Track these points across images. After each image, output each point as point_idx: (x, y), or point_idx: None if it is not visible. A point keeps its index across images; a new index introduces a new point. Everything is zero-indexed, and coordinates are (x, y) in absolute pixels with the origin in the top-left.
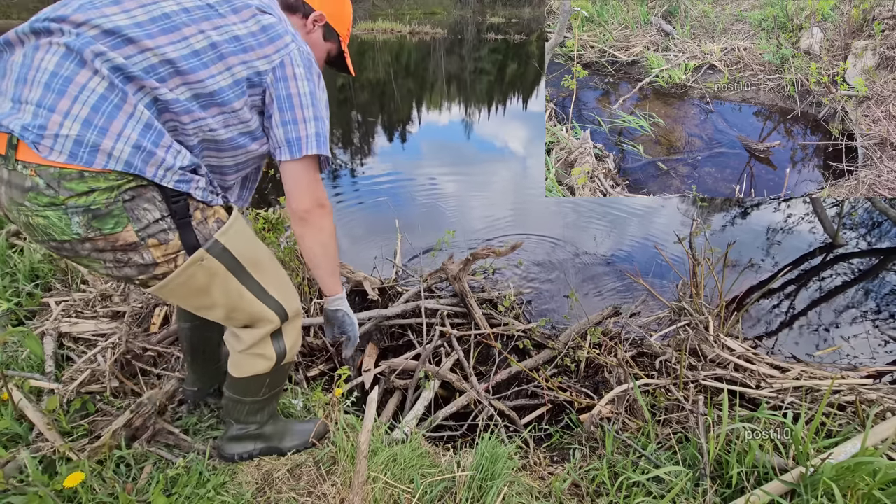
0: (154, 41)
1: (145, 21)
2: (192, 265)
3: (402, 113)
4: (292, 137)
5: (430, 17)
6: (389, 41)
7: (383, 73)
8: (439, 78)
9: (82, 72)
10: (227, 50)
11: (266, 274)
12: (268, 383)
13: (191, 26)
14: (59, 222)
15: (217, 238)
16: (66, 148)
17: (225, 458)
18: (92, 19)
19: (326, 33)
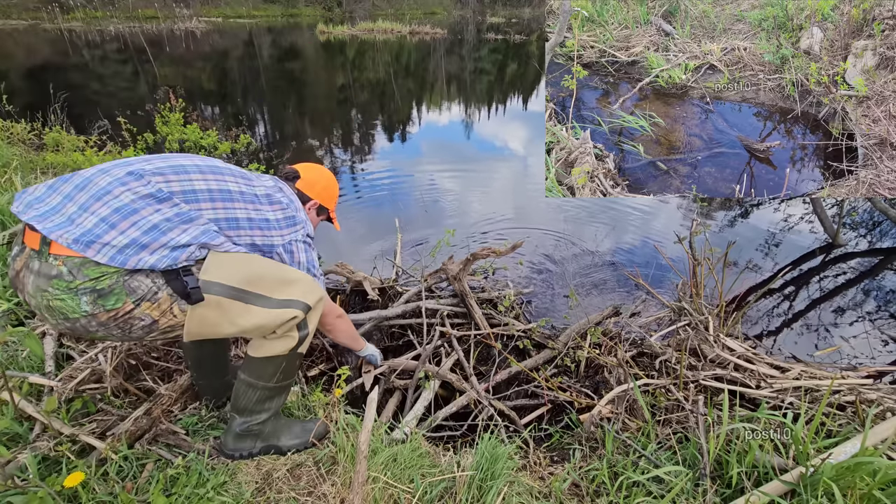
0: (213, 203)
1: (215, 189)
2: (195, 310)
3: (402, 113)
4: None
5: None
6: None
7: (383, 73)
8: (439, 78)
9: (149, 207)
10: (256, 224)
11: (271, 283)
12: (283, 368)
13: (240, 202)
14: (71, 303)
15: (201, 278)
16: (108, 253)
17: (226, 455)
18: (170, 180)
19: (319, 211)
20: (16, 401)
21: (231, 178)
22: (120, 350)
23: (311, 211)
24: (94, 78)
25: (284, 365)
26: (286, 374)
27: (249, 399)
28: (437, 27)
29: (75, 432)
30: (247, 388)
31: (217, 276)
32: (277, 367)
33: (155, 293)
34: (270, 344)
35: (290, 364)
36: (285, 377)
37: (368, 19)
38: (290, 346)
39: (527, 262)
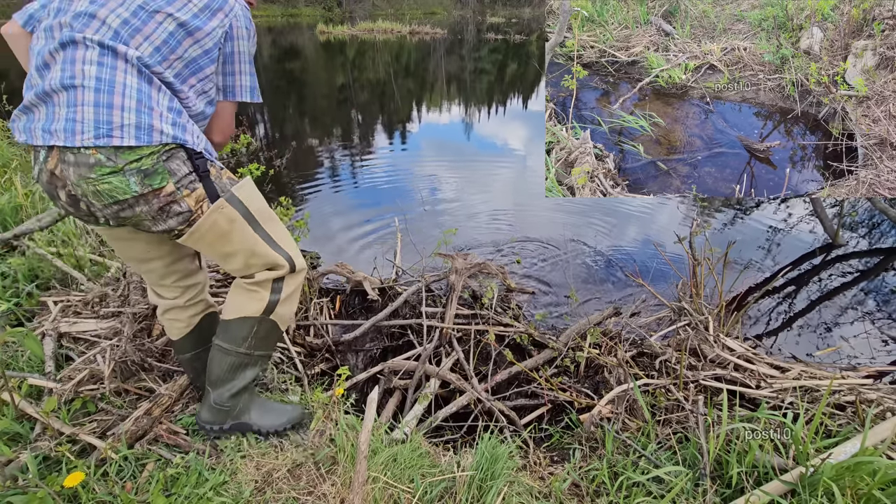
0: (143, 34)
1: (129, 17)
2: (215, 211)
3: (402, 113)
4: (232, 86)
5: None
6: (389, 41)
7: (383, 73)
8: (439, 78)
9: (118, 67)
10: (196, 24)
11: (276, 228)
12: (254, 332)
13: (160, 12)
14: (120, 185)
15: (233, 191)
16: (131, 133)
17: (201, 428)
18: (102, 14)
19: None
20: (16, 401)
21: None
22: (120, 350)
23: None
24: None
25: (256, 329)
26: (259, 343)
27: (222, 367)
28: (437, 27)
29: (75, 432)
30: (220, 355)
31: (244, 197)
32: (249, 330)
33: (193, 183)
34: (240, 302)
35: (263, 331)
36: (258, 345)
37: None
38: (260, 308)
39: (527, 262)
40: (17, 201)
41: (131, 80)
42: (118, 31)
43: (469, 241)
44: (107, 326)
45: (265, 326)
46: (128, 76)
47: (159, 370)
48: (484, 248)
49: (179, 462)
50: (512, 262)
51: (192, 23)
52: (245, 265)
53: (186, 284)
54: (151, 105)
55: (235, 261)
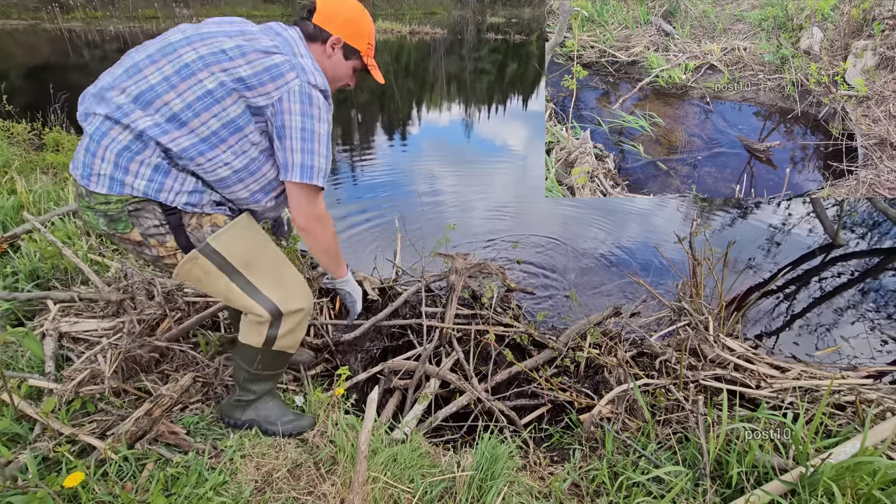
0: (175, 90)
1: (171, 74)
2: (187, 262)
3: (402, 113)
4: (285, 163)
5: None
6: (389, 41)
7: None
8: (439, 78)
9: (112, 130)
10: (229, 88)
11: (259, 274)
12: (259, 359)
13: (202, 71)
14: (92, 220)
15: (209, 241)
16: (104, 182)
17: (221, 419)
18: (128, 87)
19: (347, 53)
20: (15, 402)
21: (187, 47)
22: (119, 351)
23: (336, 53)
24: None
25: (261, 357)
26: (266, 366)
27: (239, 377)
28: (437, 27)
29: (75, 432)
30: (237, 367)
31: (222, 246)
32: (254, 357)
33: (163, 235)
34: (246, 331)
35: (268, 358)
36: (265, 368)
37: None
38: (259, 342)
39: (526, 262)
40: (18, 201)
41: (122, 137)
42: (136, 98)
43: (469, 241)
44: (108, 326)
45: (269, 355)
46: (120, 135)
47: (159, 371)
48: (483, 249)
49: (179, 462)
50: (512, 263)
51: (232, 85)
52: (228, 301)
53: None
54: (131, 160)
55: (218, 297)
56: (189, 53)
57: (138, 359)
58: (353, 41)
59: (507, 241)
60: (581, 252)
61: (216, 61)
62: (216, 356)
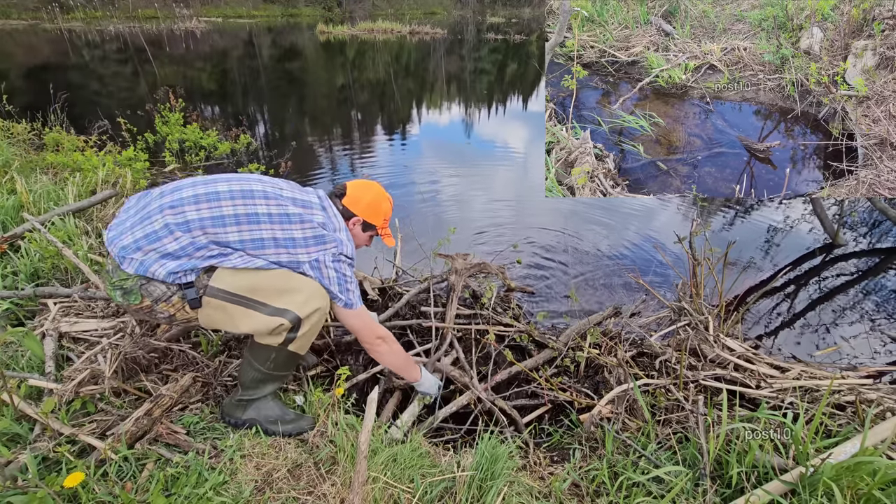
0: (238, 227)
1: (241, 214)
2: (204, 309)
3: (402, 113)
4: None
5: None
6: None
7: (383, 73)
8: (439, 78)
9: (169, 237)
10: (282, 244)
11: (269, 293)
12: (273, 358)
13: (266, 223)
14: (112, 292)
15: (210, 284)
16: (134, 266)
17: (222, 417)
18: (202, 209)
19: (365, 227)
20: (15, 402)
21: (262, 200)
22: (119, 351)
23: (356, 227)
24: (94, 78)
25: (275, 356)
26: (278, 365)
27: (247, 376)
28: (437, 27)
29: (75, 432)
30: (247, 366)
31: (224, 284)
32: (268, 355)
33: (169, 297)
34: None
35: (282, 357)
36: (277, 367)
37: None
38: (278, 342)
39: (526, 262)
40: (18, 200)
41: (170, 246)
42: (203, 220)
43: (469, 241)
44: (108, 326)
45: (283, 354)
46: (171, 243)
47: (159, 371)
48: (483, 249)
49: (179, 462)
50: (512, 263)
51: (283, 242)
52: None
53: None
54: (168, 260)
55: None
56: (262, 206)
57: (138, 359)
58: (371, 220)
59: (507, 241)
60: (581, 252)
61: (279, 221)
62: (216, 356)
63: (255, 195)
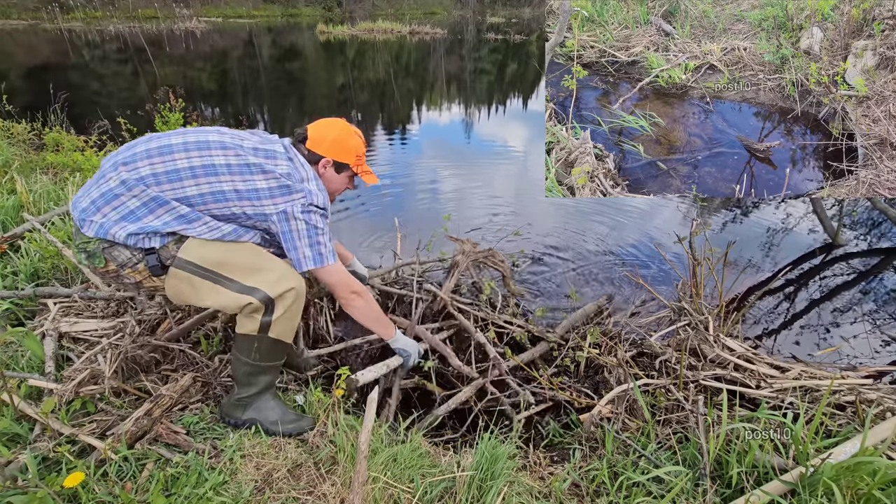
0: (195, 180)
1: (198, 166)
2: (169, 280)
3: (402, 113)
4: (297, 259)
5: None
6: (389, 41)
7: (383, 73)
8: (439, 78)
9: (127, 193)
10: (245, 195)
11: (238, 269)
12: (256, 348)
13: (225, 175)
14: (77, 255)
15: (178, 255)
16: (94, 228)
17: (222, 418)
18: (156, 163)
19: (338, 168)
20: (15, 402)
21: (220, 151)
22: (119, 351)
23: (328, 170)
24: (94, 78)
25: (258, 345)
26: (263, 355)
27: (238, 371)
28: (437, 27)
29: (74, 432)
30: (236, 362)
31: (193, 255)
32: (251, 346)
33: (135, 263)
34: (242, 322)
35: (265, 346)
36: (263, 358)
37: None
38: (255, 329)
39: (526, 262)
40: (18, 200)
41: (131, 203)
42: (158, 175)
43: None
44: (108, 326)
45: (265, 343)
46: (130, 200)
47: (159, 371)
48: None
49: (179, 462)
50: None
51: (246, 194)
52: (225, 311)
53: None
54: (130, 221)
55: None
56: (219, 157)
57: (138, 359)
58: (342, 158)
59: (507, 241)
60: (581, 252)
61: (239, 172)
62: (216, 356)
63: (212, 146)
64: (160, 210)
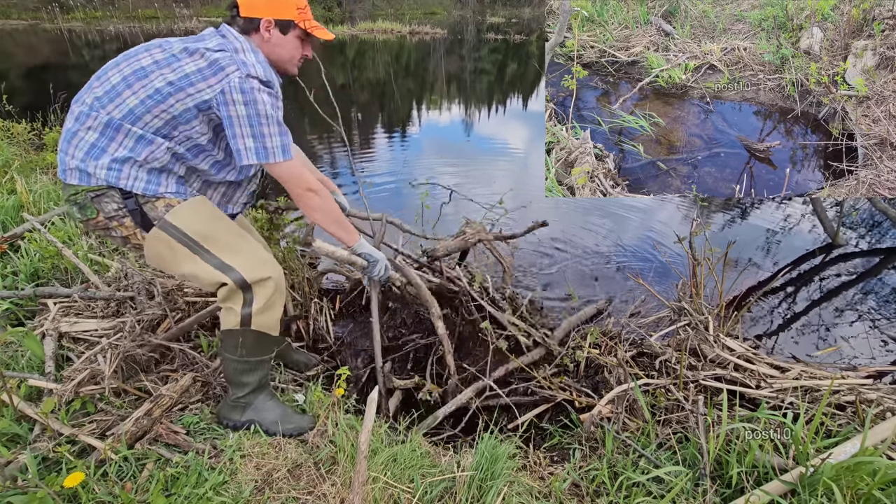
0: (131, 88)
1: (129, 74)
2: (151, 239)
3: (402, 113)
4: (238, 150)
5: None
6: (389, 41)
7: (383, 73)
8: (439, 78)
9: (80, 129)
10: (178, 86)
11: (220, 246)
12: (241, 343)
13: (155, 72)
14: (71, 211)
15: (166, 217)
16: (75, 175)
17: (220, 422)
18: (96, 89)
19: (282, 28)
20: (15, 402)
21: (145, 54)
22: (119, 351)
23: (272, 33)
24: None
25: (242, 339)
26: (249, 350)
27: (228, 370)
28: (437, 27)
29: (75, 432)
30: (225, 362)
31: (179, 221)
32: (236, 340)
33: (121, 217)
34: (224, 317)
35: (250, 341)
36: (249, 353)
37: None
38: (236, 322)
39: (526, 262)
40: (18, 201)
41: (89, 136)
42: (100, 98)
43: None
44: (108, 326)
45: (249, 337)
46: (87, 133)
47: (159, 371)
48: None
49: (179, 462)
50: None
51: (179, 83)
52: (199, 284)
53: None
54: (97, 155)
55: (191, 282)
56: (146, 59)
57: (138, 359)
58: (282, 14)
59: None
60: (581, 252)
61: (167, 64)
62: (216, 356)
63: (139, 52)
64: (118, 136)
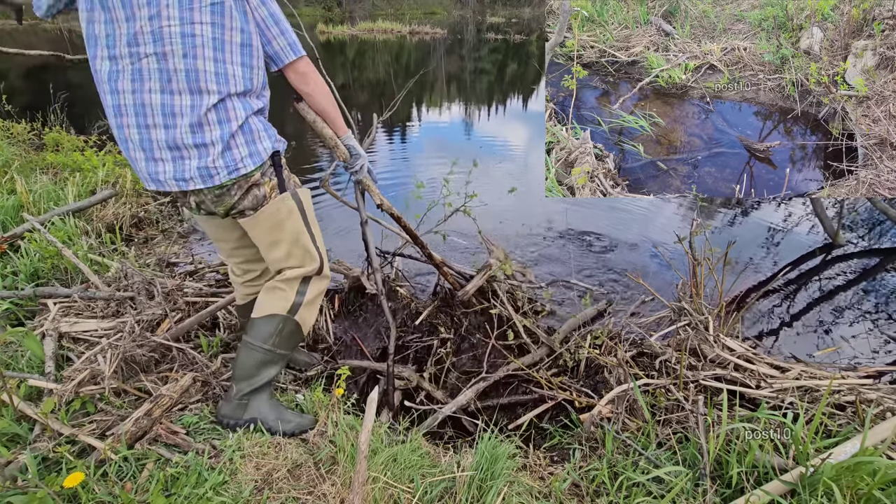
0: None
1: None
2: (282, 200)
3: (401, 113)
4: (276, 51)
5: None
6: (389, 41)
7: (383, 73)
8: (439, 78)
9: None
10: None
11: (317, 232)
12: (279, 331)
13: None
14: (219, 209)
15: (297, 190)
16: (247, 163)
17: (218, 422)
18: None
19: None
20: (15, 402)
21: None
22: (119, 351)
23: None
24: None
25: (281, 327)
26: (282, 342)
27: (247, 362)
28: (437, 27)
29: (75, 432)
30: (247, 351)
31: (304, 198)
32: (275, 327)
33: (269, 176)
34: (269, 300)
35: (287, 330)
36: (281, 344)
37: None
38: (285, 307)
39: (527, 262)
40: (18, 201)
41: (179, 101)
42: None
43: (467, 241)
44: (108, 326)
45: (289, 326)
46: (174, 98)
47: (159, 371)
48: (482, 249)
49: (179, 462)
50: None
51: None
52: (287, 254)
53: (245, 268)
54: (253, 132)
55: (280, 249)
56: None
57: (138, 359)
58: None
59: (506, 239)
60: (581, 252)
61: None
62: (216, 356)
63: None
64: (204, 85)
